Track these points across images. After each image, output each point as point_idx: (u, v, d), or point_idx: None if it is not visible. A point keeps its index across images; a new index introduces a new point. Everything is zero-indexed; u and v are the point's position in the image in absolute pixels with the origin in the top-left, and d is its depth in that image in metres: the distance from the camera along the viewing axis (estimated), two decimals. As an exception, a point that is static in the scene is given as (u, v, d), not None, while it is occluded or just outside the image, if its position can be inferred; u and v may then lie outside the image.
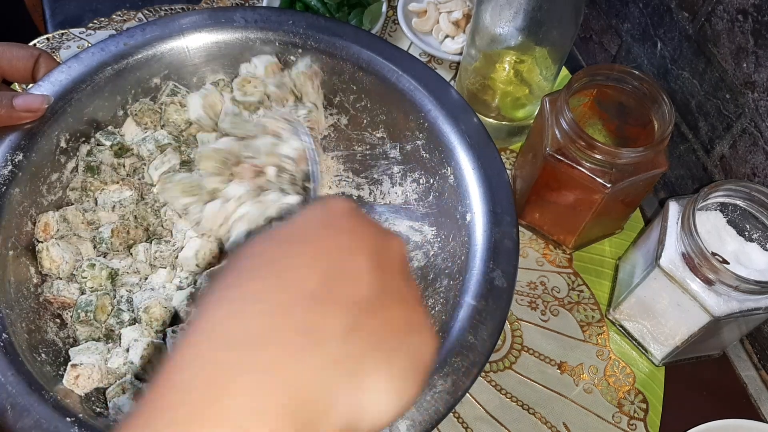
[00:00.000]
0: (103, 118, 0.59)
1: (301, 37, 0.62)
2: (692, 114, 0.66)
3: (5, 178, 0.52)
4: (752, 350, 0.65)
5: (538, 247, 0.69)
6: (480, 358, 0.48)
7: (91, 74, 0.58)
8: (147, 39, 0.60)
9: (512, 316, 0.64)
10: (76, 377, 0.49)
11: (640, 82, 0.59)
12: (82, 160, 0.56)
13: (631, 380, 0.62)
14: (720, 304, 0.52)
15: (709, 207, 0.57)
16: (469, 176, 0.56)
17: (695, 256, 0.52)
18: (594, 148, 0.56)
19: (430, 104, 0.59)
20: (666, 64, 0.68)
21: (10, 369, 0.46)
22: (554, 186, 0.62)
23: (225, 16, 0.62)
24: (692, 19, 0.63)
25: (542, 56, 0.65)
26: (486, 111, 0.71)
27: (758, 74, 0.57)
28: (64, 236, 0.55)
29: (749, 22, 0.56)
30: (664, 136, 0.56)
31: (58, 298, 0.53)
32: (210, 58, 0.62)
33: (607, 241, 0.69)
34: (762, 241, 0.56)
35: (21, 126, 0.54)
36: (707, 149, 0.66)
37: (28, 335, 0.50)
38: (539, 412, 0.60)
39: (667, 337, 0.59)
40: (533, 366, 0.62)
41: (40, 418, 0.44)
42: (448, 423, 0.59)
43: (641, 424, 0.60)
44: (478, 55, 0.67)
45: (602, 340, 0.64)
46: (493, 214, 0.53)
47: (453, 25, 0.81)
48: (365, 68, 0.61)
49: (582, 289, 0.66)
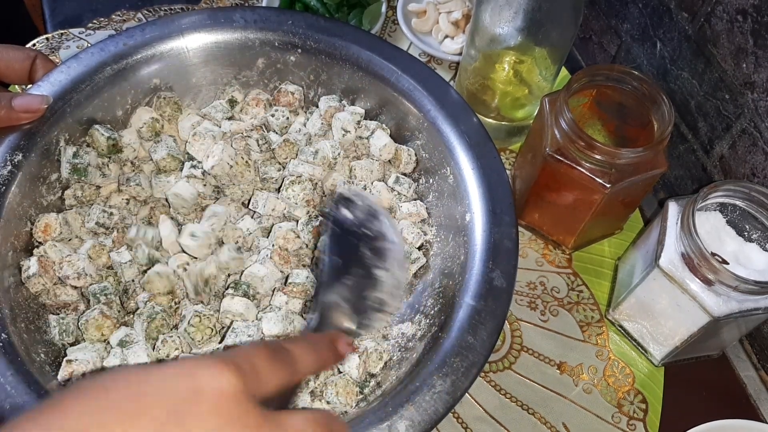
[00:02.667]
0: (103, 118, 0.59)
1: (300, 37, 0.62)
2: (692, 114, 0.66)
3: (4, 179, 0.52)
4: (752, 350, 0.65)
5: (537, 248, 0.69)
6: (479, 358, 0.48)
7: (90, 74, 0.58)
8: (146, 39, 0.60)
9: (512, 317, 0.64)
10: (70, 373, 0.49)
11: (639, 82, 0.59)
12: (68, 162, 0.56)
13: (630, 380, 0.62)
14: (719, 304, 0.52)
15: (709, 207, 0.57)
16: (468, 176, 0.56)
17: (695, 257, 0.52)
18: (593, 149, 0.56)
19: (430, 104, 0.59)
20: (665, 64, 0.68)
21: (10, 369, 0.46)
22: (554, 186, 0.62)
23: (224, 16, 0.62)
24: (692, 19, 0.63)
25: (542, 56, 0.65)
26: (485, 111, 0.71)
27: (758, 74, 0.57)
28: (63, 239, 0.55)
29: (749, 23, 0.56)
30: (663, 137, 0.56)
31: (58, 299, 0.53)
32: (209, 59, 0.62)
33: (606, 242, 0.69)
34: (761, 241, 0.56)
35: (20, 126, 0.54)
36: (707, 149, 0.66)
37: (27, 335, 0.50)
38: (539, 412, 0.60)
39: (666, 338, 0.59)
40: (533, 366, 0.62)
41: (40, 418, 0.44)
42: (448, 423, 0.59)
43: (641, 425, 0.60)
44: (478, 56, 0.67)
45: (602, 340, 0.64)
46: (492, 215, 0.53)
47: (452, 25, 0.81)
48: (365, 68, 0.61)
49: (581, 290, 0.66)
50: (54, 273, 0.53)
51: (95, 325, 0.52)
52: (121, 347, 0.51)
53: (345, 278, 0.48)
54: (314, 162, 0.59)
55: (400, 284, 0.49)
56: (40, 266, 0.52)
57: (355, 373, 0.52)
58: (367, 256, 0.49)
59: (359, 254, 0.49)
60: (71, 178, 0.57)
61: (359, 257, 0.49)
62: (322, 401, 0.51)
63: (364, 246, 0.49)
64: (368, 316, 0.47)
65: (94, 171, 0.57)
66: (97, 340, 0.52)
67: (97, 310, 0.52)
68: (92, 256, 0.55)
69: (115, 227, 0.57)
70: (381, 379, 0.53)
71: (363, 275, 0.48)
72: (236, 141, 0.60)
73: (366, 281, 0.48)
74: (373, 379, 0.53)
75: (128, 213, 0.58)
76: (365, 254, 0.49)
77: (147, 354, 0.50)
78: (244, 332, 0.52)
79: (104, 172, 0.58)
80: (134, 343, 0.51)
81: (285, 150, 0.61)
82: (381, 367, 0.54)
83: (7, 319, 0.49)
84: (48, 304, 0.53)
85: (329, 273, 0.48)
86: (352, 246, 0.49)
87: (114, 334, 0.52)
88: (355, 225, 0.50)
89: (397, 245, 0.50)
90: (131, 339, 0.52)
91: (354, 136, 0.61)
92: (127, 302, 0.55)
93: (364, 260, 0.49)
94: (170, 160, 0.59)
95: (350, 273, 0.48)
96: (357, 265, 0.49)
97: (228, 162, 0.58)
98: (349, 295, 0.47)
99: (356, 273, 0.48)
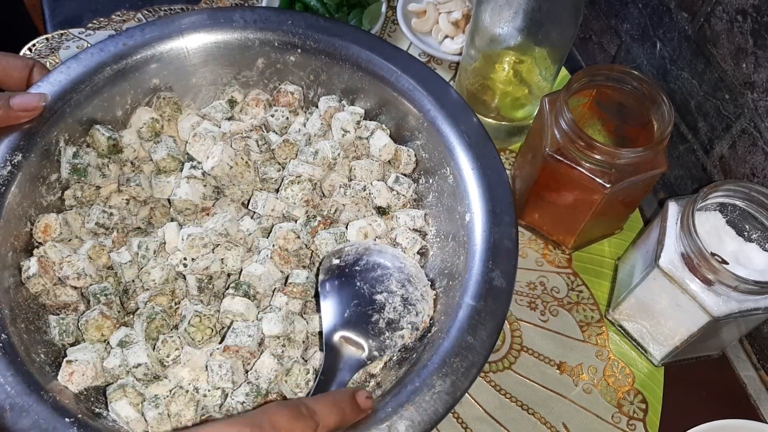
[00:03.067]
0: (102, 118, 0.59)
1: (300, 37, 0.62)
2: (692, 114, 0.66)
3: (4, 179, 0.52)
4: (751, 350, 0.65)
5: (537, 248, 0.69)
6: (479, 358, 0.48)
7: (90, 75, 0.58)
8: (146, 39, 0.60)
9: (511, 317, 0.64)
10: (70, 373, 0.49)
11: (639, 82, 0.59)
12: (68, 162, 0.56)
13: (630, 380, 0.62)
14: (719, 304, 0.52)
15: (709, 207, 0.57)
16: (468, 176, 0.55)
17: (694, 257, 0.52)
18: (593, 149, 0.56)
19: (430, 104, 0.59)
20: (665, 64, 0.68)
21: (9, 369, 0.46)
22: (553, 186, 0.62)
23: (224, 16, 0.62)
24: (691, 19, 0.63)
25: (542, 56, 0.65)
26: (485, 111, 0.71)
27: (757, 74, 0.57)
28: (63, 239, 0.55)
29: (748, 23, 0.56)
30: (663, 137, 0.56)
31: (58, 299, 0.53)
32: (209, 59, 0.62)
33: (606, 242, 0.69)
34: (761, 241, 0.56)
35: (20, 126, 0.54)
36: (706, 149, 0.66)
37: (27, 336, 0.50)
38: (538, 413, 0.60)
39: (666, 338, 0.59)
40: (533, 366, 0.62)
41: (39, 418, 0.44)
42: (448, 423, 0.59)
43: (640, 425, 0.60)
44: (478, 56, 0.67)
45: (601, 340, 0.64)
46: (492, 214, 0.53)
47: (452, 25, 0.81)
48: (365, 68, 0.61)
49: (581, 290, 0.66)
50: (54, 273, 0.53)
51: (95, 326, 0.52)
52: (121, 347, 0.51)
53: (347, 314, 0.52)
54: (314, 162, 0.59)
55: (408, 300, 0.52)
56: (40, 266, 0.52)
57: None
58: (363, 287, 0.54)
59: (356, 289, 0.54)
60: (71, 179, 0.57)
61: (357, 291, 0.53)
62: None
63: (359, 280, 0.54)
64: (383, 338, 0.52)
65: (93, 171, 0.57)
66: (97, 340, 0.52)
67: (97, 310, 0.52)
68: (92, 257, 0.55)
69: (115, 227, 0.57)
70: (381, 379, 0.53)
71: (363, 305, 0.53)
72: (236, 141, 0.60)
73: (369, 309, 0.53)
74: (373, 379, 0.53)
75: (128, 213, 0.58)
76: (362, 287, 0.54)
77: (147, 354, 0.50)
78: (245, 332, 0.52)
79: (104, 172, 0.58)
80: (134, 344, 0.51)
81: (285, 150, 0.61)
82: (381, 367, 0.54)
83: (7, 319, 0.49)
84: (48, 305, 0.53)
85: (331, 316, 0.52)
86: (348, 284, 0.54)
87: (114, 335, 0.52)
88: (346, 267, 0.54)
89: (390, 269, 0.55)
90: (131, 339, 0.52)
91: (354, 136, 0.61)
92: (127, 302, 0.55)
93: (362, 292, 0.53)
94: (170, 160, 0.59)
95: (351, 307, 0.53)
96: (356, 298, 0.53)
97: (228, 163, 0.58)
98: (355, 327, 0.52)
99: (357, 305, 0.53)
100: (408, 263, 0.56)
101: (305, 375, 0.51)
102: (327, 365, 0.50)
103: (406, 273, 0.55)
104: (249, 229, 0.58)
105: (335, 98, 0.64)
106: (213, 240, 0.55)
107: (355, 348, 0.51)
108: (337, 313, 0.52)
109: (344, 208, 0.60)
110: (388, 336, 0.52)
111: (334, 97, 0.64)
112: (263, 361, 0.51)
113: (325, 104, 0.63)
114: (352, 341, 0.51)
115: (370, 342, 0.51)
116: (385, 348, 0.51)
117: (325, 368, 0.50)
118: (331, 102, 0.63)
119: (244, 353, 0.51)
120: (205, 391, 0.51)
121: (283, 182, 0.59)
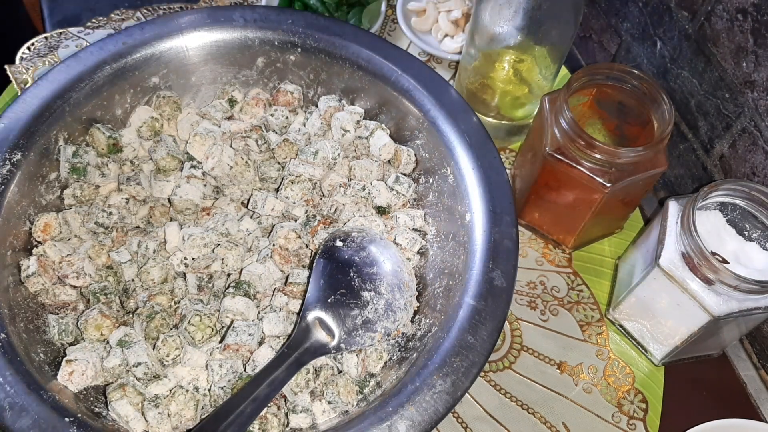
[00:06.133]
0: (102, 117, 0.59)
1: (300, 36, 0.62)
2: (692, 113, 0.66)
3: (3, 178, 0.52)
4: (752, 350, 0.65)
5: (537, 247, 0.69)
6: (479, 358, 0.48)
7: (89, 73, 0.58)
8: (146, 38, 0.60)
9: (512, 316, 0.64)
10: (70, 373, 0.49)
11: (639, 81, 0.59)
12: (67, 161, 0.56)
13: (630, 380, 0.62)
14: (719, 303, 0.52)
15: (709, 206, 0.57)
16: (468, 176, 0.55)
17: (695, 256, 0.52)
18: (593, 148, 0.56)
19: (430, 104, 0.59)
20: (665, 63, 0.68)
21: (9, 369, 0.46)
22: (554, 185, 0.62)
23: (224, 15, 0.62)
24: (692, 18, 0.63)
25: (542, 55, 0.65)
26: (485, 110, 0.71)
27: (758, 73, 0.57)
28: (63, 238, 0.55)
29: (749, 22, 0.56)
30: (663, 136, 0.56)
31: (57, 298, 0.53)
32: (209, 58, 0.62)
33: (606, 241, 0.69)
34: (761, 240, 0.56)
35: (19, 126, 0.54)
36: (707, 149, 0.66)
37: (26, 335, 0.50)
38: (539, 412, 0.60)
39: (666, 337, 0.59)
40: (533, 366, 0.62)
41: (39, 418, 0.44)
42: (448, 423, 0.59)
43: (641, 424, 0.60)
44: (478, 55, 0.67)
45: (602, 339, 0.64)
46: (492, 214, 0.53)
47: (452, 24, 0.81)
48: (364, 68, 0.61)
49: (581, 289, 0.66)
50: (53, 272, 0.53)
51: (94, 325, 0.52)
52: (121, 347, 0.51)
53: (330, 298, 0.52)
54: (314, 162, 0.59)
55: (391, 306, 0.52)
56: (39, 266, 0.52)
57: (354, 371, 0.52)
58: (355, 280, 0.54)
59: (348, 278, 0.54)
60: (70, 178, 0.57)
61: (348, 281, 0.53)
62: (322, 401, 0.51)
63: (353, 271, 0.54)
64: (355, 334, 0.52)
65: (93, 170, 0.57)
66: (96, 339, 0.52)
67: (96, 309, 0.52)
68: (92, 256, 0.55)
69: (115, 227, 0.56)
70: (381, 379, 0.53)
71: (349, 296, 0.53)
72: (236, 141, 0.60)
73: (352, 302, 0.53)
74: (373, 378, 0.53)
75: (128, 212, 0.58)
76: (354, 279, 0.54)
77: (147, 354, 0.50)
78: (245, 331, 0.52)
79: (103, 171, 0.58)
80: (134, 343, 0.51)
81: (284, 150, 0.61)
82: (381, 367, 0.54)
83: (6, 318, 0.49)
84: (47, 304, 0.53)
85: (315, 293, 0.53)
86: (342, 271, 0.54)
87: (113, 334, 0.52)
88: (346, 253, 0.54)
89: (386, 270, 0.55)
90: (131, 339, 0.51)
91: (353, 135, 0.61)
92: (127, 302, 0.55)
93: (352, 284, 0.53)
94: (170, 159, 0.59)
95: (336, 294, 0.53)
96: (344, 287, 0.53)
97: (228, 162, 0.58)
98: (333, 313, 0.52)
99: (342, 294, 0.53)
100: (405, 269, 0.56)
101: (305, 375, 0.51)
102: (295, 340, 0.50)
103: (399, 279, 0.55)
104: (249, 229, 0.58)
105: (335, 98, 0.64)
106: (213, 240, 0.55)
107: (326, 333, 0.51)
108: (322, 294, 0.52)
109: (344, 208, 0.60)
110: (360, 334, 0.52)
111: (333, 96, 0.64)
112: (261, 352, 0.51)
113: (325, 104, 0.63)
114: (325, 326, 0.51)
115: (342, 334, 0.51)
116: (352, 344, 0.51)
117: (292, 342, 0.50)
118: (330, 101, 0.63)
119: (244, 352, 0.51)
120: (205, 390, 0.51)
121: (283, 182, 0.59)
